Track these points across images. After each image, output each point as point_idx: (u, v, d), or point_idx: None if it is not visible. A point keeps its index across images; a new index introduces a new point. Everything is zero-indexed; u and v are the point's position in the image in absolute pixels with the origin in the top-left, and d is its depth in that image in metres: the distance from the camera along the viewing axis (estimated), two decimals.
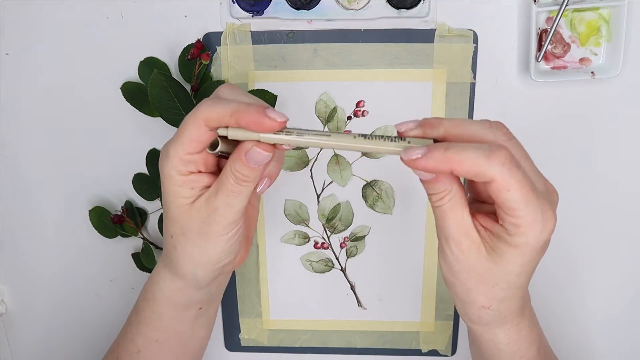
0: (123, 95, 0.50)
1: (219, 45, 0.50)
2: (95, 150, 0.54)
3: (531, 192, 0.30)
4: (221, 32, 0.49)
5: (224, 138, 0.34)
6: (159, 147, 0.53)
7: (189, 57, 0.48)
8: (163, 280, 0.40)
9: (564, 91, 0.50)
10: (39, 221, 0.56)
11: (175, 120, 0.48)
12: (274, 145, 0.34)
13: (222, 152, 0.35)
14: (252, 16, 0.49)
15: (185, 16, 0.50)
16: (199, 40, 0.49)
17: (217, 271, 0.39)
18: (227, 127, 0.33)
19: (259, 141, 0.33)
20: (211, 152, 0.35)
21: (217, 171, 0.37)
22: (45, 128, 0.53)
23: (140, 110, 0.50)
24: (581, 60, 0.49)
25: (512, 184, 0.29)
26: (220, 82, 0.49)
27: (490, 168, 0.29)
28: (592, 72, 0.48)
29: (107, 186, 0.54)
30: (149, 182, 0.53)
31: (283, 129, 0.33)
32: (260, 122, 0.32)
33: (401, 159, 0.31)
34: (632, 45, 0.48)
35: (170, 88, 0.46)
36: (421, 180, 0.32)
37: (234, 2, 0.48)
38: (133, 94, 0.50)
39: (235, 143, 0.34)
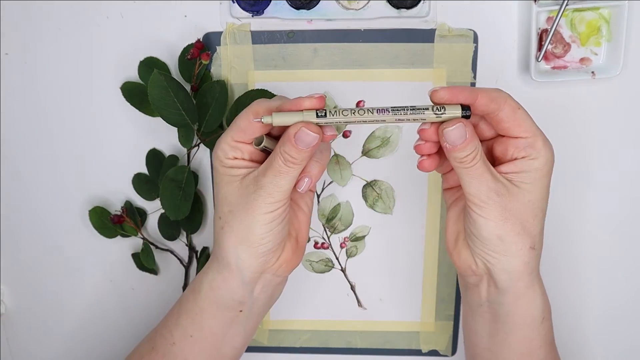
0: (123, 95, 0.50)
1: (219, 45, 0.50)
2: (95, 150, 0.54)
3: (533, 121, 0.38)
4: (221, 32, 0.49)
5: (269, 136, 0.39)
6: (158, 147, 0.53)
7: (188, 57, 0.48)
8: (211, 271, 0.42)
9: (564, 91, 0.49)
10: (39, 221, 0.56)
11: (175, 120, 0.48)
12: (320, 127, 0.37)
13: (266, 147, 0.39)
14: (252, 16, 0.49)
15: (185, 16, 0.50)
16: (198, 40, 0.49)
17: (260, 258, 0.40)
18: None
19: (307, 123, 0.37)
20: (257, 147, 0.39)
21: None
22: (45, 128, 0.53)
23: (140, 110, 0.50)
24: (581, 60, 0.49)
25: (519, 105, 0.37)
26: (220, 82, 0.49)
27: (504, 93, 0.37)
28: (593, 72, 0.48)
29: (107, 186, 0.54)
30: (148, 182, 0.53)
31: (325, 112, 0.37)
32: (300, 102, 0.38)
33: (431, 96, 0.37)
34: (632, 45, 0.48)
35: (170, 88, 0.46)
36: (451, 149, 0.36)
37: (234, 2, 0.48)
38: (133, 94, 0.50)
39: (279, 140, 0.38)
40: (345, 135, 0.52)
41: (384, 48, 0.49)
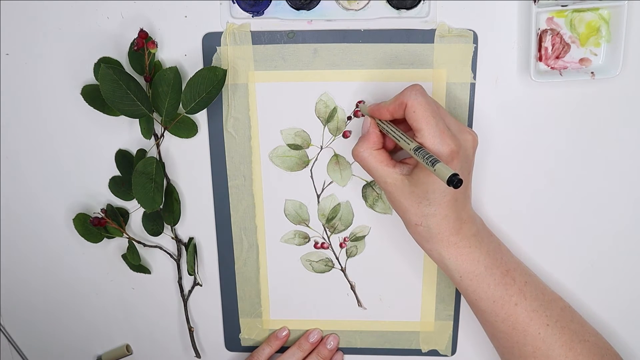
0: (84, 99, 0.50)
1: (219, 45, 0.50)
2: (96, 150, 0.54)
3: (431, 117, 0.41)
4: (221, 32, 0.49)
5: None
6: (131, 144, 0.53)
7: (135, 48, 0.48)
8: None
9: (564, 91, 0.50)
10: (39, 221, 0.56)
11: (132, 112, 0.47)
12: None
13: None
14: (252, 16, 0.49)
15: (185, 16, 0.50)
16: (141, 29, 0.48)
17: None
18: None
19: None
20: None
21: None
22: (45, 128, 0.53)
23: (102, 112, 0.50)
24: (581, 60, 0.49)
25: (417, 107, 0.42)
26: (172, 69, 0.47)
27: (405, 95, 0.43)
28: (592, 73, 0.48)
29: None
30: (124, 183, 0.53)
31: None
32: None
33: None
34: (631, 45, 0.48)
35: (120, 80, 0.46)
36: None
37: (234, 2, 0.48)
38: (93, 96, 0.50)
39: None
40: (345, 135, 0.52)
41: (384, 48, 0.49)
